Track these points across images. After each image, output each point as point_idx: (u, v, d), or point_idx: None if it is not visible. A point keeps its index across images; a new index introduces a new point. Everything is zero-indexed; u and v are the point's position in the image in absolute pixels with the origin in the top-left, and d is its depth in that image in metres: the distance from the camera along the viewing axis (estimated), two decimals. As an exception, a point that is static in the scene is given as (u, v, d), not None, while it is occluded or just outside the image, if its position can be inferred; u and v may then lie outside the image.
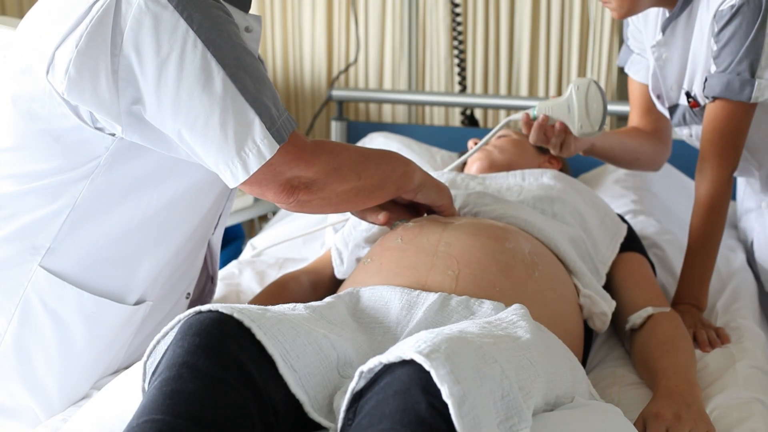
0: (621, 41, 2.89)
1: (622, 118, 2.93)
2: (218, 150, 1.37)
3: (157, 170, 1.47)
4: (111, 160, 1.43)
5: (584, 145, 1.91)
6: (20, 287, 1.47)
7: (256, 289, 1.99)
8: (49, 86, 1.38)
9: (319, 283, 1.83)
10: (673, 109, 1.97)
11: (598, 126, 1.78)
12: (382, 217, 1.66)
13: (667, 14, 1.86)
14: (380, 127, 3.08)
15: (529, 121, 1.82)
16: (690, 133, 2.01)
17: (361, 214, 1.69)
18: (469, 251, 1.57)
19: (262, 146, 1.37)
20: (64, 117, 1.40)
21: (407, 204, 1.73)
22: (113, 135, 1.41)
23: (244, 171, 1.38)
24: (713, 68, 1.77)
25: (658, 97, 1.99)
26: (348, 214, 2.15)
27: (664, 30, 1.85)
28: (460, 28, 3.06)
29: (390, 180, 1.60)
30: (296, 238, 2.28)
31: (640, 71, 2.04)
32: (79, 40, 1.34)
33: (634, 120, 2.10)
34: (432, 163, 2.72)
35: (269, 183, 1.42)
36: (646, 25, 1.98)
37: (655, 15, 1.93)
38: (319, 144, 1.48)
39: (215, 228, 1.68)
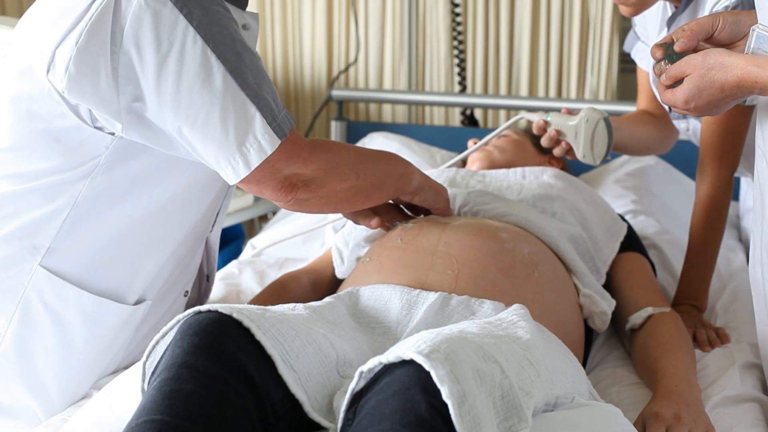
0: (621, 41, 2.90)
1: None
2: (219, 146, 1.37)
3: (157, 169, 1.47)
4: (111, 159, 1.43)
5: None
6: (20, 287, 1.47)
7: (256, 289, 1.99)
8: (49, 85, 1.38)
9: (319, 283, 1.82)
10: None
11: (599, 160, 1.81)
12: (374, 222, 1.67)
13: (669, 11, 1.86)
14: (380, 127, 3.08)
15: (545, 126, 1.84)
16: (687, 128, 2.01)
17: (354, 218, 1.70)
18: (468, 251, 1.57)
19: (263, 141, 1.38)
20: (64, 116, 1.40)
21: (403, 206, 1.73)
22: (113, 134, 1.41)
23: (245, 166, 1.38)
24: None
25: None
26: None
27: (669, 26, 1.85)
28: (460, 28, 3.06)
29: (389, 181, 1.60)
30: (297, 236, 2.28)
31: (644, 59, 2.04)
32: (78, 38, 1.34)
33: (642, 104, 2.10)
34: (432, 163, 2.72)
35: (268, 180, 1.42)
36: (647, 18, 1.98)
37: (656, 10, 1.92)
38: (317, 142, 1.48)
39: (213, 225, 1.68)
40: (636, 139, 2.03)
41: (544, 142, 1.84)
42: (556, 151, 1.84)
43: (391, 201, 1.73)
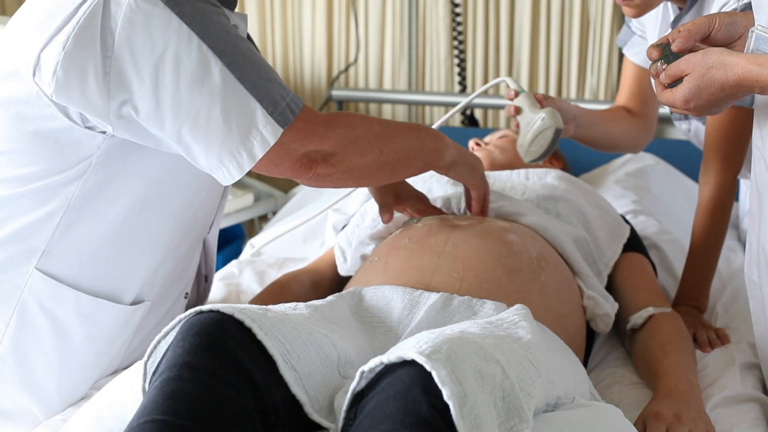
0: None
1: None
2: (223, 142, 1.36)
3: (150, 167, 1.46)
4: (103, 159, 1.42)
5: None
6: (17, 290, 1.46)
7: (256, 289, 1.99)
8: (37, 88, 1.37)
9: (320, 283, 1.83)
10: None
11: (529, 160, 1.81)
12: (385, 217, 1.72)
13: (671, 11, 1.86)
14: (380, 127, 3.07)
15: (512, 98, 1.84)
16: (689, 128, 2.01)
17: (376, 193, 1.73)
18: (474, 254, 1.57)
19: (265, 132, 1.36)
20: (54, 118, 1.38)
21: (421, 197, 1.75)
22: (104, 133, 1.40)
23: (249, 159, 1.37)
24: None
25: None
26: (348, 210, 2.17)
27: (673, 27, 1.85)
28: (460, 28, 3.06)
29: (417, 156, 1.57)
30: (296, 230, 2.28)
31: (639, 53, 2.03)
32: (66, 42, 1.32)
33: (622, 100, 2.09)
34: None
35: (284, 161, 1.40)
36: (646, 18, 1.98)
37: (656, 10, 1.92)
38: (335, 117, 1.46)
39: (210, 227, 1.68)
40: (607, 136, 2.03)
41: (507, 111, 1.83)
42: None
43: (422, 194, 1.76)
